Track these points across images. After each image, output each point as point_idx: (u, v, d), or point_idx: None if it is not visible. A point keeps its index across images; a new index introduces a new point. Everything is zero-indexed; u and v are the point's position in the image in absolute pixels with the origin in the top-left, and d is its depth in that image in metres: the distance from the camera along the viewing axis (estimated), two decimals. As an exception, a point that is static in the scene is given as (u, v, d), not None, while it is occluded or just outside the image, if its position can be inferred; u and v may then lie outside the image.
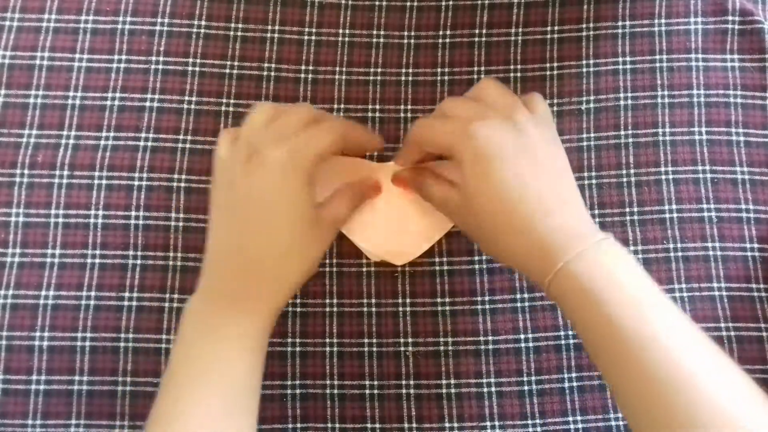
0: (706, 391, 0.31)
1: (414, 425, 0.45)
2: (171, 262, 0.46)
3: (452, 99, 0.40)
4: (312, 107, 0.41)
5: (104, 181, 0.47)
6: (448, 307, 0.46)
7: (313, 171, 0.38)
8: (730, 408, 0.30)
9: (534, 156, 0.37)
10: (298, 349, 0.46)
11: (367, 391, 0.45)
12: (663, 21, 0.50)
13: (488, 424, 0.45)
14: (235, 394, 0.37)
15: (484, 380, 0.45)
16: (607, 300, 0.33)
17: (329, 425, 0.45)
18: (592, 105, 0.49)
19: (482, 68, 0.49)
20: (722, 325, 0.45)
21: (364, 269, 0.46)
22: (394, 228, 0.44)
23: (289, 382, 0.45)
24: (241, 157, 0.38)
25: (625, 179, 0.47)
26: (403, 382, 0.45)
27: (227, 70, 0.49)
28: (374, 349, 0.46)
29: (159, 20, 0.50)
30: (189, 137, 0.48)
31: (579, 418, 0.44)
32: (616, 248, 0.36)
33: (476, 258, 0.47)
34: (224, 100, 0.49)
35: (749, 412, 0.31)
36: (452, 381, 0.45)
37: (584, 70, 0.49)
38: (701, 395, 0.30)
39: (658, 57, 0.49)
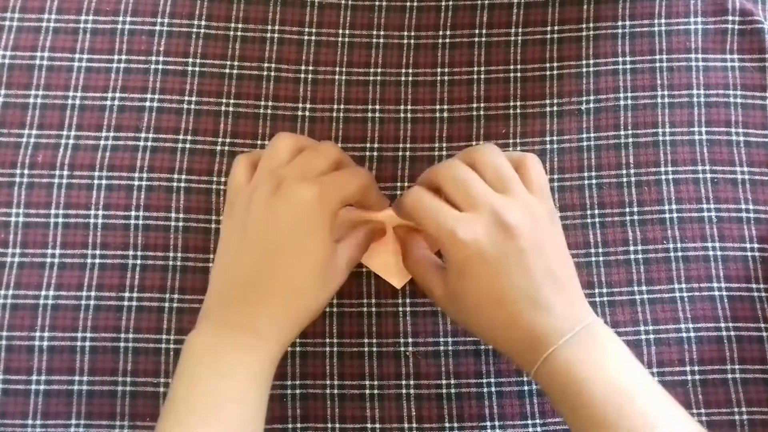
0: None
1: (414, 425, 0.45)
2: (171, 262, 0.46)
3: (446, 165, 0.39)
4: (337, 147, 0.41)
5: (104, 181, 0.47)
6: (448, 307, 0.46)
7: (336, 215, 0.38)
8: None
9: (524, 260, 0.36)
10: (298, 349, 0.46)
11: (367, 391, 0.45)
12: (663, 21, 0.50)
13: (488, 424, 0.45)
14: (237, 429, 0.35)
15: (484, 380, 0.45)
16: (590, 389, 0.34)
17: (329, 425, 0.45)
18: (592, 105, 0.49)
19: (482, 68, 0.49)
20: (722, 325, 0.45)
21: (364, 269, 0.46)
22: (392, 251, 0.45)
23: (289, 382, 0.45)
24: (264, 188, 0.38)
25: (625, 179, 0.47)
26: (403, 382, 0.45)
27: (227, 70, 0.49)
28: (374, 349, 0.46)
29: (159, 20, 0.50)
30: (189, 137, 0.48)
31: (579, 418, 0.44)
32: (603, 332, 0.36)
33: (476, 258, 0.47)
34: (224, 100, 0.49)
35: None
36: (452, 381, 0.45)
37: (584, 70, 0.49)
38: None
39: (658, 57, 0.49)
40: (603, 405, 0.33)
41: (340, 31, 0.50)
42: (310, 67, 0.49)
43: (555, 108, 0.49)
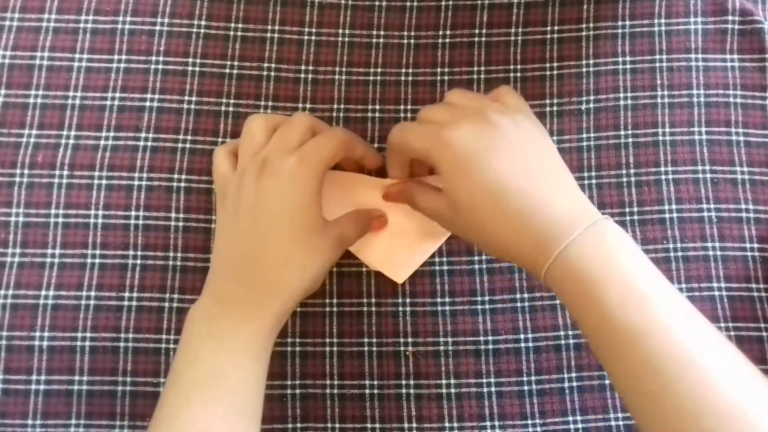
0: (711, 377, 0.30)
1: (414, 425, 0.45)
2: (171, 262, 0.46)
3: (427, 107, 0.41)
4: (310, 115, 0.42)
5: (104, 181, 0.47)
6: (448, 307, 0.46)
7: (322, 179, 0.40)
8: (735, 393, 0.30)
9: (512, 149, 0.36)
10: (298, 349, 0.46)
11: (367, 391, 0.45)
12: (663, 21, 0.50)
13: (488, 424, 0.45)
14: (238, 401, 0.37)
15: (484, 380, 0.45)
16: (603, 287, 0.32)
17: (329, 425, 0.45)
18: (592, 105, 0.49)
19: (482, 68, 0.49)
20: (722, 325, 0.45)
21: (364, 269, 0.46)
22: (392, 244, 0.45)
23: (289, 382, 0.45)
24: (251, 171, 0.39)
25: (625, 179, 0.47)
26: (403, 382, 0.45)
27: (227, 70, 0.49)
28: (374, 349, 0.46)
29: (159, 20, 0.50)
30: (189, 137, 0.48)
31: (579, 418, 0.44)
32: (612, 229, 0.34)
33: (476, 258, 0.47)
34: (224, 100, 0.49)
35: (753, 397, 0.30)
36: (452, 381, 0.45)
37: (584, 70, 0.49)
38: (705, 381, 0.30)
39: (658, 57, 0.49)
40: (618, 305, 0.32)
41: (340, 31, 0.50)
42: (310, 67, 0.49)
43: (555, 108, 0.49)
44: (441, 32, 0.50)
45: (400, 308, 0.46)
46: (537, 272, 0.35)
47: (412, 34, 0.50)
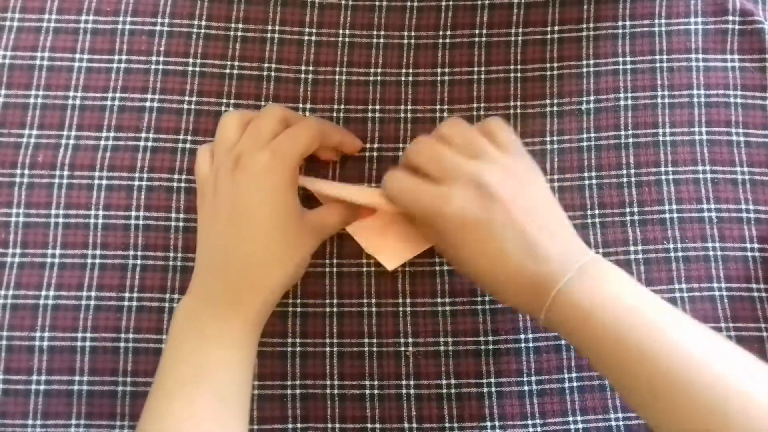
0: (724, 380, 0.31)
1: (414, 425, 0.45)
2: (171, 263, 0.46)
3: (418, 143, 0.40)
4: (281, 106, 0.43)
5: (104, 181, 0.47)
6: (448, 307, 0.46)
7: (296, 170, 0.40)
8: (752, 394, 0.31)
9: (511, 214, 0.37)
10: (298, 349, 0.46)
11: (367, 391, 0.45)
12: (663, 21, 0.50)
13: (488, 424, 0.45)
14: (224, 395, 0.37)
15: (484, 380, 0.45)
16: (597, 314, 0.34)
17: (329, 425, 0.45)
18: (592, 105, 0.49)
19: (482, 68, 0.49)
20: (722, 325, 0.45)
21: (364, 269, 0.46)
22: (388, 230, 0.45)
23: (289, 382, 0.45)
24: (225, 168, 0.40)
25: (625, 179, 0.47)
26: (403, 382, 0.45)
27: (227, 70, 0.49)
28: (374, 349, 0.46)
29: (159, 20, 0.50)
30: (189, 137, 0.48)
31: (579, 418, 0.44)
32: (602, 264, 0.37)
33: (476, 258, 0.47)
34: (224, 101, 0.49)
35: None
36: (452, 381, 0.45)
37: (584, 70, 0.49)
38: (719, 385, 0.31)
39: (658, 57, 0.49)
40: (612, 325, 0.34)
41: (340, 31, 0.50)
42: (311, 67, 0.49)
43: (555, 108, 0.49)
44: (441, 32, 0.50)
45: (400, 308, 0.46)
46: (537, 316, 0.37)
47: (413, 34, 0.50)
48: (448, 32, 0.50)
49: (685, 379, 0.31)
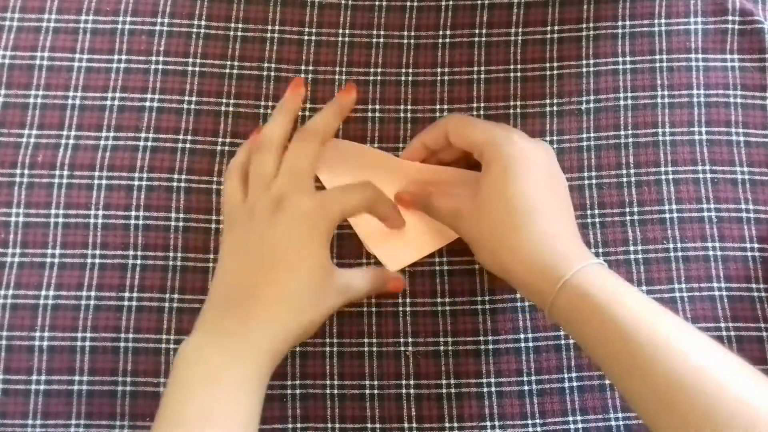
0: (723, 386, 0.31)
1: (414, 425, 0.45)
2: (171, 262, 0.46)
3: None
4: (319, 138, 0.43)
5: (104, 181, 0.47)
6: (448, 307, 0.46)
7: (335, 227, 0.40)
8: (749, 399, 0.31)
9: (554, 180, 0.40)
10: (298, 349, 0.45)
11: (367, 391, 0.45)
12: (663, 21, 0.50)
13: (488, 424, 0.45)
14: None
15: (484, 380, 0.45)
16: (615, 308, 0.34)
17: (329, 425, 0.45)
18: (592, 105, 0.49)
19: (482, 68, 0.49)
20: (722, 325, 0.45)
21: (364, 269, 0.46)
22: (393, 231, 0.45)
23: (289, 382, 0.45)
24: (263, 207, 0.39)
25: (625, 179, 0.47)
26: (403, 382, 0.45)
27: (227, 70, 0.49)
28: (374, 349, 0.46)
29: (159, 20, 0.50)
30: (189, 137, 0.48)
31: (579, 418, 0.44)
32: (609, 270, 0.37)
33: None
34: (224, 100, 0.49)
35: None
36: (452, 381, 0.45)
37: (584, 70, 0.49)
38: (718, 390, 0.31)
39: (658, 57, 0.49)
40: (630, 324, 0.34)
41: (340, 31, 0.50)
42: (310, 67, 0.49)
43: (555, 108, 0.49)
44: (441, 32, 0.50)
45: (400, 308, 0.46)
46: (542, 297, 0.37)
47: (412, 34, 0.50)
48: (448, 32, 0.50)
49: (687, 385, 0.31)
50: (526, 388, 0.45)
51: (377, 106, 0.49)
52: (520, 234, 0.37)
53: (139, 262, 0.46)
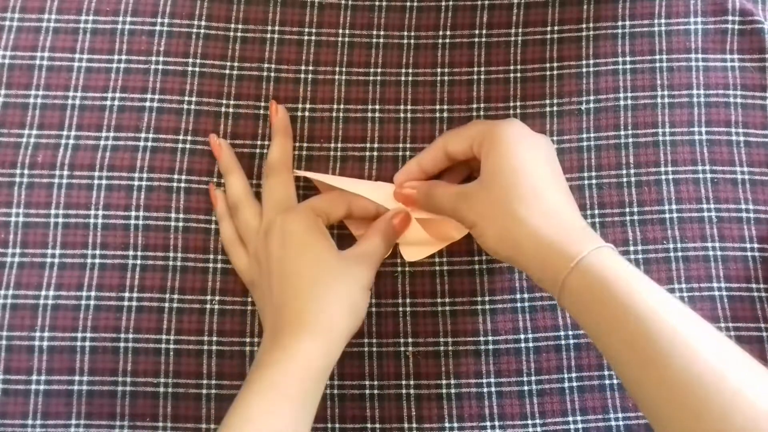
0: (742, 390, 0.31)
1: (414, 425, 0.45)
2: (171, 263, 0.46)
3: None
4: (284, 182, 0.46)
5: (104, 181, 0.47)
6: (448, 307, 0.46)
7: (327, 222, 0.43)
8: (759, 395, 0.30)
9: (555, 167, 0.40)
10: (298, 349, 0.46)
11: (367, 391, 0.45)
12: (663, 21, 0.50)
13: (488, 424, 0.45)
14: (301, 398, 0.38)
15: (484, 380, 0.45)
16: (635, 297, 0.33)
17: (329, 425, 0.45)
18: (592, 105, 0.49)
19: (482, 68, 0.49)
20: (722, 325, 0.45)
21: (364, 269, 0.46)
22: (415, 222, 0.45)
23: (289, 382, 0.45)
24: (261, 243, 0.42)
25: (625, 179, 0.47)
26: (403, 382, 0.45)
27: (227, 71, 0.49)
28: (374, 349, 0.46)
29: (159, 20, 0.50)
30: (189, 137, 0.48)
31: (579, 418, 0.44)
32: (621, 257, 0.36)
33: (476, 258, 0.47)
34: (224, 101, 0.49)
35: None
36: (452, 381, 0.45)
37: (584, 70, 0.49)
38: (736, 395, 0.30)
39: (658, 57, 0.49)
40: (631, 308, 0.33)
41: (340, 31, 0.50)
42: (310, 68, 0.49)
43: (555, 108, 0.49)
44: (441, 32, 0.50)
45: (400, 308, 0.46)
46: (552, 279, 0.36)
47: (412, 34, 0.50)
48: (448, 32, 0.50)
49: (705, 384, 0.31)
50: (526, 388, 0.45)
51: (377, 107, 0.49)
52: (529, 203, 0.37)
53: (139, 262, 0.46)
